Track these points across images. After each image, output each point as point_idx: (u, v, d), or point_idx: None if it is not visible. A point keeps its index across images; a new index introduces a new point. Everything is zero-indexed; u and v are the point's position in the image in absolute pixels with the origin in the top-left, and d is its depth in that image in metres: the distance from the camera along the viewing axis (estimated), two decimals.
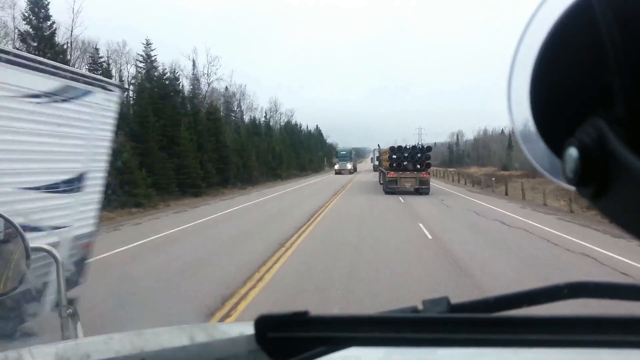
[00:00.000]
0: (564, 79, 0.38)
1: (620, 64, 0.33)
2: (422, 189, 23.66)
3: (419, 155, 24.36)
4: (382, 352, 0.94)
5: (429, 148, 25.68)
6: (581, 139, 0.35)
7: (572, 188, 0.37)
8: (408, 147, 24.98)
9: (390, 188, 24.27)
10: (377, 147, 45.05)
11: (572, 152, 0.35)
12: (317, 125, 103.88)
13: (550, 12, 0.37)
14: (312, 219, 14.59)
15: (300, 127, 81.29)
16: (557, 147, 0.38)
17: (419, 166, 24.15)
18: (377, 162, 46.11)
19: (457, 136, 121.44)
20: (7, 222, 1.27)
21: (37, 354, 0.76)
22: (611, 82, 0.33)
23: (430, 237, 11.00)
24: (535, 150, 0.41)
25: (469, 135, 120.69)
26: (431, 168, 26.29)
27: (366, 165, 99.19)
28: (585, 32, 0.35)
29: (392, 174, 24.54)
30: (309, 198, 23.11)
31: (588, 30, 0.35)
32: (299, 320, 0.58)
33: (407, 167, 24.20)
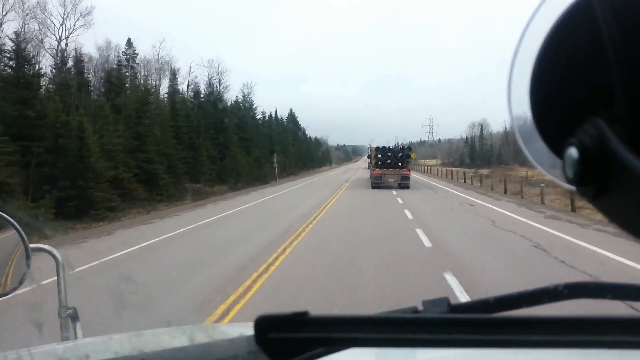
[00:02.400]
0: (564, 79, 0.38)
1: (620, 64, 0.33)
2: (403, 184, 27.44)
3: (400, 154, 28.56)
4: (382, 352, 0.94)
5: (409, 148, 30.91)
6: (581, 139, 0.35)
7: (573, 188, 0.37)
8: (391, 147, 29.83)
9: (376, 183, 28.21)
10: (369, 146, 44.03)
11: (573, 152, 0.35)
12: (290, 109, 73.21)
13: (550, 12, 0.37)
14: None
15: (252, 106, 50.22)
16: (557, 147, 0.38)
17: (400, 164, 28.12)
18: (369, 161, 46.26)
19: (482, 127, 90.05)
20: (8, 222, 1.27)
21: (37, 354, 0.76)
22: (611, 82, 0.33)
23: None
24: (535, 150, 0.41)
25: (496, 127, 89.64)
26: (412, 165, 34.83)
27: (364, 163, 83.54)
28: (585, 32, 0.35)
29: (377, 171, 28.51)
30: None
31: (588, 30, 0.35)
32: (299, 320, 0.58)
33: (390, 165, 28.16)
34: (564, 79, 0.38)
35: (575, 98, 0.37)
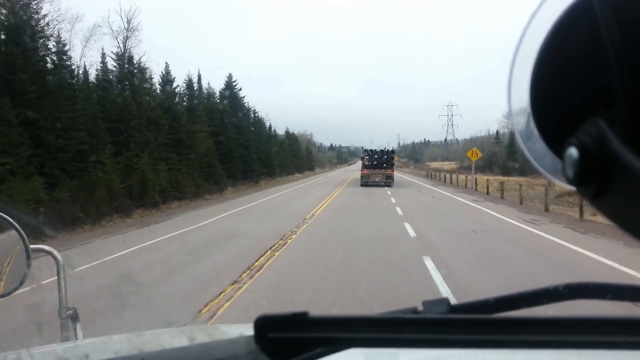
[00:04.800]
0: (564, 79, 0.38)
1: (620, 64, 0.33)
2: (387, 182, 31.33)
3: (385, 157, 32.98)
4: (382, 352, 0.94)
5: (392, 151, 34.95)
6: (581, 139, 0.35)
7: (573, 188, 0.37)
8: (377, 150, 33.83)
9: (364, 181, 32.03)
10: (362, 149, 45.11)
11: (573, 152, 0.35)
12: (229, 75, 39.97)
13: (551, 12, 0.37)
14: None
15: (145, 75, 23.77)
16: (557, 147, 0.38)
17: (385, 165, 32.44)
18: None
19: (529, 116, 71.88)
20: (8, 222, 1.27)
21: (37, 355, 0.76)
22: (611, 82, 0.33)
23: None
24: (536, 150, 0.41)
25: None
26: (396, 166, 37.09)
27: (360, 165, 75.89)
28: (585, 32, 0.35)
29: (365, 171, 32.85)
30: None
31: (588, 30, 0.35)
32: (299, 320, 0.58)
33: (376, 166, 32.50)
34: (564, 79, 0.38)
35: (575, 98, 0.37)
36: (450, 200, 21.24)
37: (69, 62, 18.46)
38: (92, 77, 22.70)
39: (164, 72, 27.70)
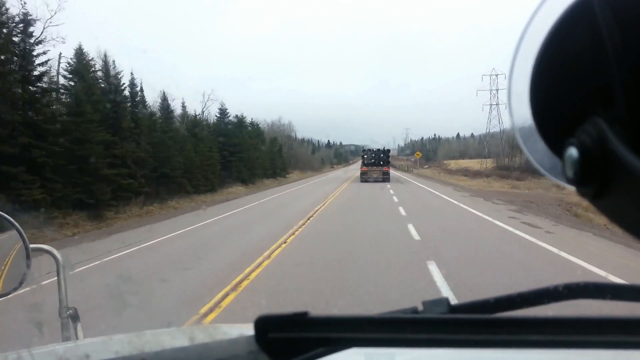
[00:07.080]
0: (564, 79, 0.38)
1: (620, 64, 0.33)
2: (384, 178, 35.06)
3: (382, 155, 36.85)
4: (383, 352, 0.94)
5: (388, 150, 38.49)
6: (581, 139, 0.35)
7: (573, 188, 0.36)
8: (375, 149, 37.64)
9: (364, 178, 35.78)
10: (362, 148, 46.84)
11: (573, 152, 0.35)
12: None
13: (551, 12, 0.37)
14: None
15: None
16: (557, 147, 0.38)
17: (382, 163, 36.41)
18: None
19: None
20: (8, 221, 1.27)
21: (37, 355, 0.76)
22: (611, 82, 0.33)
23: None
24: (536, 150, 0.41)
25: None
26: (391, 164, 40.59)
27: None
28: (585, 32, 0.35)
29: (364, 168, 36.77)
30: None
31: (588, 30, 0.35)
32: (299, 320, 0.58)
33: (374, 164, 36.43)
34: (564, 79, 0.38)
35: (575, 98, 0.37)
36: None
37: None
38: None
39: None
